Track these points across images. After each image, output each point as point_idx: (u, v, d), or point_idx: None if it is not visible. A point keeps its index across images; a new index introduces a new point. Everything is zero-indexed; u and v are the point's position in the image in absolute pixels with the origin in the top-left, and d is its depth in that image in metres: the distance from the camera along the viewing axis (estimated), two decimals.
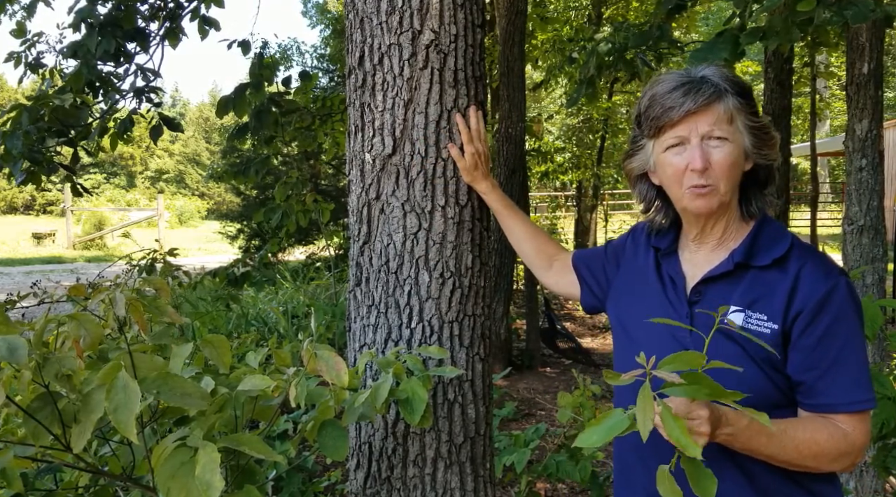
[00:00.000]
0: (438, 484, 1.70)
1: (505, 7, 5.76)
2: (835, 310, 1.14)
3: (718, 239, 1.28)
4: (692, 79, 1.20)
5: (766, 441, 1.11)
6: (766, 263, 1.20)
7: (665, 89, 1.20)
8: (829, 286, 1.15)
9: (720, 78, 1.20)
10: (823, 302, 1.14)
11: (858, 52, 3.28)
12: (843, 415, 1.14)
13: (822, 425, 1.14)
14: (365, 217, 1.73)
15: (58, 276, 10.55)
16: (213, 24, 4.10)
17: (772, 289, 1.18)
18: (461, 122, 1.66)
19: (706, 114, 1.17)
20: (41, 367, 1.01)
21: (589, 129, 12.43)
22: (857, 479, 3.16)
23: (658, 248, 1.37)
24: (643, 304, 1.35)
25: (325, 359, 1.26)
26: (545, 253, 1.71)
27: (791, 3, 2.03)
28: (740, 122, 1.20)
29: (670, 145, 1.21)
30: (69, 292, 1.28)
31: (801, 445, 1.12)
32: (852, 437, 1.14)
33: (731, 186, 1.21)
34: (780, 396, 1.19)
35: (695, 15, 10.60)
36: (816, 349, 1.14)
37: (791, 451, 1.12)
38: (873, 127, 3.26)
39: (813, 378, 1.15)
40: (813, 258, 1.19)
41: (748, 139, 1.21)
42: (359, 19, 1.71)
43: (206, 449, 0.97)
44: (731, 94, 1.19)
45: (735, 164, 1.20)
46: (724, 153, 1.18)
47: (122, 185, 34.00)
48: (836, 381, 1.14)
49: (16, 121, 3.44)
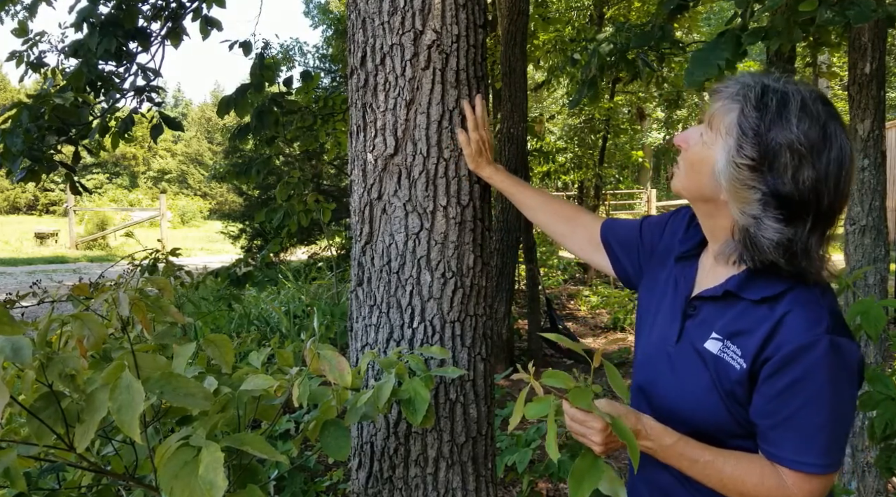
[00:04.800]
0: (440, 484, 1.70)
1: (507, 7, 5.76)
2: (802, 369, 1.04)
3: (726, 257, 1.16)
4: (755, 81, 1.07)
5: (689, 465, 1.12)
6: (756, 299, 1.11)
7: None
8: (805, 342, 1.04)
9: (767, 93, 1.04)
10: (793, 357, 1.04)
11: (860, 53, 3.28)
12: (786, 469, 1.08)
13: (758, 469, 1.10)
14: (367, 217, 1.73)
15: (60, 276, 10.56)
16: (215, 25, 4.11)
17: (755, 326, 1.10)
18: (467, 109, 1.67)
19: (710, 105, 1.13)
20: (45, 367, 1.01)
21: (591, 130, 12.43)
22: (859, 479, 3.16)
23: (680, 249, 1.31)
24: (656, 301, 1.32)
25: (328, 358, 1.26)
26: (563, 216, 1.64)
27: (793, 3, 2.03)
28: (724, 141, 1.07)
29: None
30: (72, 292, 1.28)
31: (727, 480, 1.10)
32: (790, 491, 1.08)
33: (689, 185, 1.15)
34: (739, 429, 1.14)
35: (697, 15, 10.60)
36: (775, 400, 1.07)
37: (715, 482, 1.11)
38: (875, 127, 3.25)
39: (766, 426, 1.09)
40: (805, 308, 1.07)
41: (723, 162, 1.08)
42: (361, 20, 1.71)
43: (209, 448, 0.98)
44: (745, 103, 1.05)
45: (694, 165, 1.13)
46: (693, 148, 1.14)
47: (124, 185, 34.01)
48: (788, 437, 1.07)
49: (16, 119, 3.45)
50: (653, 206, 17.46)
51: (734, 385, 1.11)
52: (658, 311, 1.30)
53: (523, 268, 7.72)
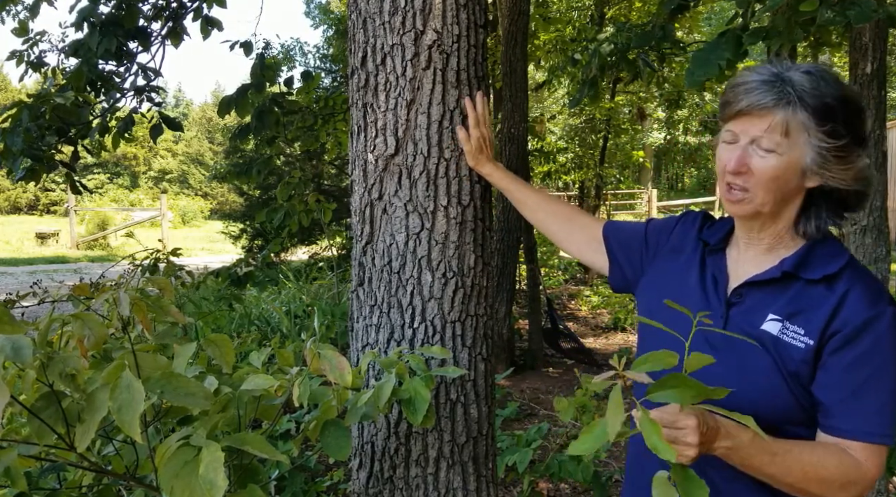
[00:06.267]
0: (441, 484, 1.70)
1: (507, 7, 5.76)
2: (872, 338, 1.09)
3: (768, 245, 1.22)
4: (772, 77, 1.12)
5: (769, 459, 1.06)
6: (816, 278, 1.14)
7: (738, 81, 1.15)
8: (874, 313, 1.09)
9: (804, 84, 1.10)
10: (863, 327, 1.09)
11: (861, 53, 3.27)
12: (857, 443, 1.09)
13: (834, 451, 1.09)
14: (367, 217, 1.73)
15: (61, 276, 10.58)
16: (216, 25, 4.11)
17: (815, 304, 1.13)
18: (469, 105, 1.66)
19: (761, 118, 1.11)
20: (45, 367, 1.01)
21: (591, 130, 12.44)
22: None
23: (707, 242, 1.31)
24: (680, 299, 1.25)
25: (329, 358, 1.26)
26: (562, 216, 1.62)
27: (794, 3, 2.03)
28: (803, 137, 1.11)
29: (725, 139, 1.17)
30: (73, 292, 1.28)
31: (808, 468, 1.07)
32: (864, 467, 1.09)
33: (771, 198, 1.15)
34: (802, 415, 1.14)
35: (697, 15, 10.60)
36: (844, 372, 1.09)
37: (797, 473, 1.07)
38: (877, 127, 3.25)
39: (834, 400, 1.10)
40: (864, 282, 1.13)
41: (811, 157, 1.12)
42: (361, 19, 1.71)
43: (209, 448, 0.98)
44: (799, 105, 1.10)
45: (777, 179, 1.13)
46: (767, 165, 1.12)
47: (125, 186, 34.02)
48: (857, 409, 1.09)
49: (16, 118, 3.45)
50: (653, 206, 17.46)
51: (799, 365, 1.11)
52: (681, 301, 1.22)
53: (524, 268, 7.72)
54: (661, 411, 0.99)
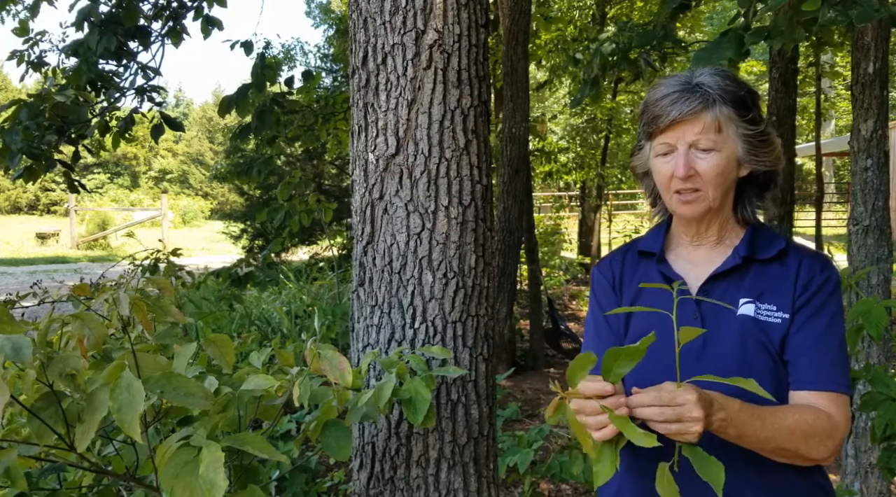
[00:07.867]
0: (442, 484, 1.70)
1: (508, 7, 5.75)
2: (827, 293, 1.22)
3: (716, 238, 1.31)
4: (686, 85, 1.21)
5: (761, 424, 1.11)
6: (770, 256, 1.25)
7: (657, 96, 1.23)
8: (827, 275, 1.23)
9: (716, 85, 1.21)
10: (822, 285, 1.22)
11: (863, 52, 3.27)
12: (823, 394, 1.17)
13: (808, 409, 1.17)
14: (368, 217, 1.73)
15: (61, 276, 10.58)
16: (216, 24, 4.11)
17: (776, 281, 1.24)
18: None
19: (693, 123, 1.19)
20: (45, 367, 1.01)
21: (593, 129, 12.43)
22: (862, 480, 3.15)
23: (653, 252, 1.36)
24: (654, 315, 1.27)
25: (329, 358, 1.26)
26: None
27: (795, 2, 2.02)
28: (731, 130, 1.21)
29: (660, 152, 1.25)
30: (73, 292, 1.28)
31: (793, 425, 1.13)
32: (835, 420, 1.16)
33: (720, 193, 1.24)
34: (778, 390, 1.21)
35: (699, 15, 10.59)
36: (805, 326, 1.20)
37: (785, 432, 1.13)
38: (879, 127, 3.24)
39: (802, 350, 1.19)
40: (810, 253, 1.27)
41: (741, 147, 1.23)
42: (362, 19, 1.71)
43: (209, 448, 0.97)
44: (722, 103, 1.20)
45: (722, 173, 1.22)
46: (711, 163, 1.20)
47: (125, 185, 34.03)
48: (819, 362, 1.18)
49: (15, 116, 3.45)
50: None
51: (780, 341, 1.20)
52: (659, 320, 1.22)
53: (525, 268, 7.72)
54: (657, 389, 1.01)
